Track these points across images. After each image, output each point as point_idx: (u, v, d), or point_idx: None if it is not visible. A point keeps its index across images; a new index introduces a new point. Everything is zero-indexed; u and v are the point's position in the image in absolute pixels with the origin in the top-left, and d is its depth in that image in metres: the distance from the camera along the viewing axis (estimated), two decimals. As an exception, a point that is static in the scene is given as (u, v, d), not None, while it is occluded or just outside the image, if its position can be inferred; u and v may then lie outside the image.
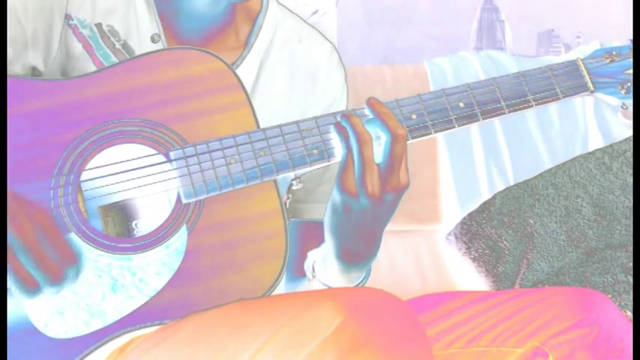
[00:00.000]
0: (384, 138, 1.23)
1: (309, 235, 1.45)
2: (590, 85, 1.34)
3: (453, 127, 1.29)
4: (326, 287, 1.33)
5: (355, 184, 1.22)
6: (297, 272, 1.41)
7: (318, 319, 1.06)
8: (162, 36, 1.36)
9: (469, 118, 1.30)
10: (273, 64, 1.42)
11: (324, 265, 1.33)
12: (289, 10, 1.47)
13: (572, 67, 1.35)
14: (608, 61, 1.35)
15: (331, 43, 1.49)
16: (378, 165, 1.22)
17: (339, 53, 1.49)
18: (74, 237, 1.21)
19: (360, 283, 1.35)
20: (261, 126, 1.27)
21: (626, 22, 2.67)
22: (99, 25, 1.34)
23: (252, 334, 1.10)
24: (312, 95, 1.45)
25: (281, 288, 1.36)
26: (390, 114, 1.24)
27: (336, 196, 1.25)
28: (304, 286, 1.38)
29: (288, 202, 1.44)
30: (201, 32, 1.38)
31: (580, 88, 1.34)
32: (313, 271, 1.35)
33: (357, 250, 1.29)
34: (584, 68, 1.35)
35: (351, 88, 1.51)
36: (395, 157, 1.22)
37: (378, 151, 1.23)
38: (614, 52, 1.36)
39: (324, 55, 1.47)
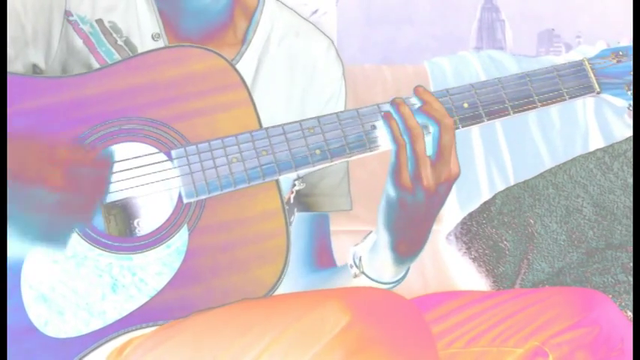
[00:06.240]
0: (431, 128, 1.23)
1: (319, 226, 1.46)
2: (596, 85, 1.32)
3: (457, 129, 1.27)
4: (373, 282, 1.32)
5: (409, 178, 1.23)
6: (317, 264, 1.42)
7: (324, 319, 1.06)
8: (164, 35, 1.35)
9: (473, 118, 1.29)
10: (271, 59, 1.41)
11: (373, 258, 1.32)
12: (285, 5, 1.46)
13: (578, 67, 1.32)
14: (615, 61, 1.33)
15: (328, 37, 1.48)
16: (429, 157, 1.23)
17: (337, 47, 1.49)
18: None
19: (402, 278, 1.34)
20: (262, 123, 1.26)
21: (626, 22, 2.67)
22: (100, 21, 1.34)
23: (257, 334, 1.10)
24: (310, 90, 1.44)
25: (292, 285, 1.36)
26: (435, 103, 1.24)
27: (391, 192, 1.24)
28: (338, 278, 1.36)
29: (292, 196, 1.43)
30: (202, 29, 1.37)
31: (586, 89, 1.32)
32: (358, 266, 1.33)
33: (413, 242, 1.29)
34: (590, 69, 1.32)
35: (350, 87, 1.51)
36: (445, 147, 1.23)
37: (427, 142, 1.23)
38: (620, 52, 1.33)
39: (321, 50, 1.46)
